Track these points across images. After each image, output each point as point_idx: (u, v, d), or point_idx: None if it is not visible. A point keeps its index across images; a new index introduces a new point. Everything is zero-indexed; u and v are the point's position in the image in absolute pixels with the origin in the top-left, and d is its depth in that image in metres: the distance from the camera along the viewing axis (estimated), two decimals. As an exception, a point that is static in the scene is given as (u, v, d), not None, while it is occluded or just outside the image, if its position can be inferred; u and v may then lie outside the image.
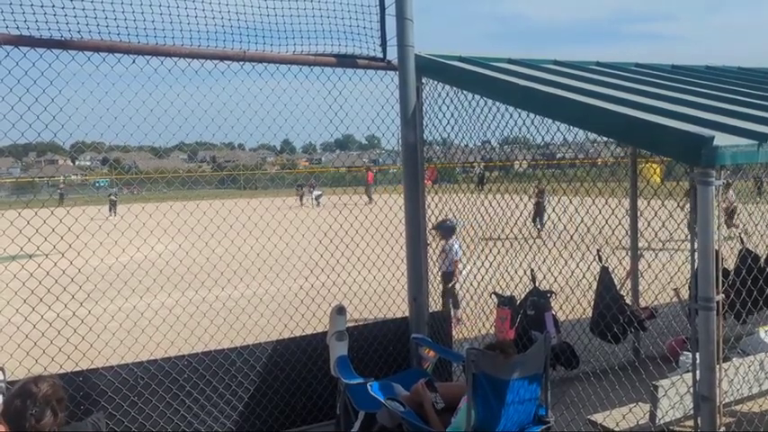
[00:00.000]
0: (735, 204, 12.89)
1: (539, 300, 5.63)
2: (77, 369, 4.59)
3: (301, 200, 33.26)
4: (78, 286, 4.75)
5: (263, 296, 7.04)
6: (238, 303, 6.80)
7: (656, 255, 7.99)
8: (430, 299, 5.87)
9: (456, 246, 8.11)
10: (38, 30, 4.13)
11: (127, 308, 5.97)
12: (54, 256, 4.95)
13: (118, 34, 4.37)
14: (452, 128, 5.54)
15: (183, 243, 6.53)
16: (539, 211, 16.90)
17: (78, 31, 4.22)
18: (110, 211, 29.04)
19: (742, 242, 7.01)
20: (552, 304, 6.05)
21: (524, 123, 5.05)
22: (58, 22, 4.16)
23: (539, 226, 16.81)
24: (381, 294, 5.97)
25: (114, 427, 4.56)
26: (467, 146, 6.04)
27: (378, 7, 5.46)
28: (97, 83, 4.29)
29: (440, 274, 7.98)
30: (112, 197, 30.95)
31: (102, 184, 45.67)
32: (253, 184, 48.60)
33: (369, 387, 4.27)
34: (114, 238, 5.56)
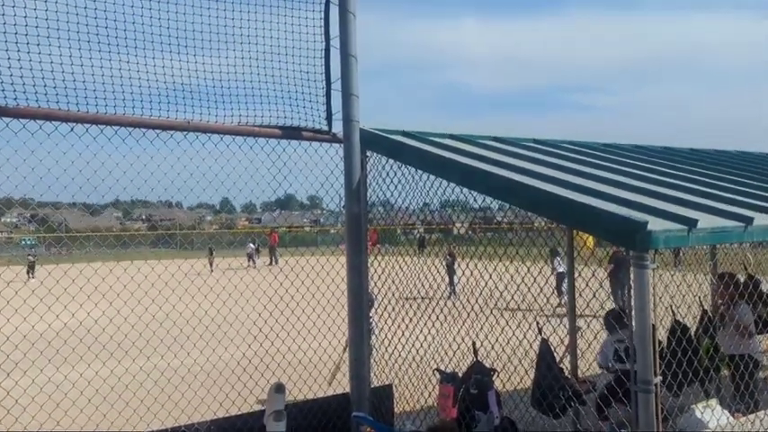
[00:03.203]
0: (561, 271, 14.57)
1: (482, 378, 5.59)
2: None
3: (211, 266, 31.62)
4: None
5: (191, 367, 6.65)
6: (164, 374, 6.45)
7: (589, 324, 8.11)
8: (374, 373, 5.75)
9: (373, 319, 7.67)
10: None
11: (42, 380, 5.52)
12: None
13: (57, 102, 4.23)
14: (392, 193, 5.61)
15: (107, 310, 6.20)
16: (450, 273, 17.43)
17: (15, 99, 4.08)
18: (28, 273, 26.89)
19: (673, 314, 7.21)
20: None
21: (462, 191, 5.14)
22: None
23: (451, 288, 17.27)
24: (321, 368, 5.80)
25: None
26: (408, 208, 6.09)
27: (324, 81, 5.53)
28: (31, 151, 4.12)
29: None
30: (30, 257, 29.11)
31: (27, 243, 43.61)
32: (190, 243, 47.45)
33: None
34: (32, 304, 5.19)
